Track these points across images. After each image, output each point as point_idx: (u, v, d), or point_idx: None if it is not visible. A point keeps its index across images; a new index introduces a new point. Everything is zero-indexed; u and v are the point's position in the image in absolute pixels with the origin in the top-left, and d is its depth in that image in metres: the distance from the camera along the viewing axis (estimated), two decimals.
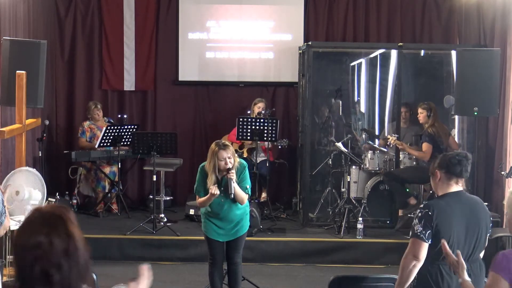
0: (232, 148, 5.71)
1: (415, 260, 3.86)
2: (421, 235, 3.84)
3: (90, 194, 9.05)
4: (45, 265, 1.99)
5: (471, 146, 8.18)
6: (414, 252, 3.86)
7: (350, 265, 7.41)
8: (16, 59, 6.53)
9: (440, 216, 3.85)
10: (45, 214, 2.07)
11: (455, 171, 3.93)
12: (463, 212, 3.92)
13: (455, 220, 3.88)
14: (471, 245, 3.89)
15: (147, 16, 9.46)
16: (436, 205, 3.91)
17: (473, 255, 3.90)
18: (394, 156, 8.34)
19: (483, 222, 3.94)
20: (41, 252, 1.99)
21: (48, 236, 2.01)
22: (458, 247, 3.83)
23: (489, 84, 7.13)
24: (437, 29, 9.44)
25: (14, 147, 6.85)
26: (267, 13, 9.53)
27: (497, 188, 7.69)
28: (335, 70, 9.64)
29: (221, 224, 5.75)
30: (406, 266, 3.88)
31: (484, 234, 3.94)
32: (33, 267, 1.99)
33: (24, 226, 2.07)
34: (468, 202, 3.99)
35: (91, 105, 8.90)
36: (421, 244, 3.84)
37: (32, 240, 2.00)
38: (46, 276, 1.99)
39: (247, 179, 5.70)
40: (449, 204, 3.93)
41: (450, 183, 3.95)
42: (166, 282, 6.88)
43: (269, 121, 8.20)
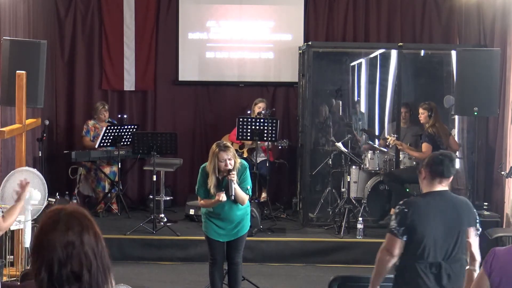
0: (233, 149, 5.71)
1: (388, 255, 3.94)
2: (395, 231, 3.92)
3: (90, 194, 9.05)
4: (76, 264, 1.97)
5: (471, 146, 8.18)
6: (388, 247, 3.95)
7: (350, 265, 7.40)
8: (16, 59, 6.53)
9: (416, 214, 3.90)
10: (72, 213, 2.05)
11: (437, 171, 3.97)
12: (443, 212, 3.93)
13: (432, 219, 3.89)
14: (450, 245, 3.89)
15: (147, 16, 9.46)
16: (413, 203, 3.99)
17: (453, 255, 3.89)
18: (394, 156, 8.34)
19: (465, 223, 3.91)
20: (74, 251, 1.97)
21: (80, 235, 2.00)
22: (435, 246, 3.85)
23: (489, 84, 7.13)
24: (437, 29, 9.44)
25: (14, 147, 6.85)
26: (267, 13, 9.53)
27: (497, 188, 7.69)
28: (335, 70, 9.64)
29: (222, 224, 5.75)
30: (381, 259, 3.98)
31: (466, 235, 3.90)
32: (64, 266, 1.96)
33: (49, 225, 2.03)
34: (450, 202, 3.99)
35: (99, 106, 8.89)
36: (394, 240, 3.92)
37: (63, 238, 1.98)
38: (76, 276, 1.97)
39: (248, 180, 5.70)
40: (428, 203, 3.96)
41: (433, 182, 4.00)
42: (166, 282, 6.88)
43: (269, 121, 8.20)
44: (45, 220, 2.06)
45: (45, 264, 1.98)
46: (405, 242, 3.91)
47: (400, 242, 3.91)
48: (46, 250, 1.98)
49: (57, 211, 2.07)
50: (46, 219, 2.06)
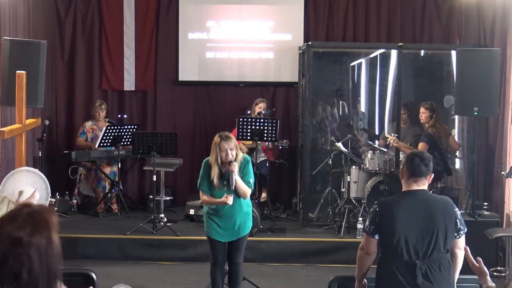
0: (235, 140, 5.68)
1: (365, 253, 4.06)
2: (367, 229, 4.03)
3: (90, 194, 9.06)
4: (18, 263, 1.94)
5: (471, 146, 8.17)
6: (363, 245, 4.07)
7: (350, 265, 7.38)
8: (16, 59, 6.52)
9: (386, 213, 3.94)
10: (33, 212, 2.01)
11: (408, 170, 4.00)
12: (415, 211, 3.92)
13: (402, 218, 3.89)
14: (424, 244, 3.87)
15: (147, 16, 9.46)
16: (385, 203, 4.05)
17: (430, 255, 3.88)
18: (394, 156, 8.34)
19: (441, 222, 3.88)
20: (19, 249, 1.94)
21: (30, 235, 1.96)
22: (408, 246, 3.85)
23: (489, 84, 7.13)
24: (437, 29, 9.44)
25: (14, 147, 6.84)
26: (267, 13, 9.53)
27: (497, 188, 7.69)
28: (335, 70, 9.65)
29: (223, 224, 5.72)
30: (359, 257, 4.13)
31: (442, 235, 3.88)
32: (6, 262, 1.94)
33: (8, 218, 2.01)
34: (425, 202, 3.96)
35: (97, 103, 8.90)
36: (367, 238, 4.02)
37: (13, 235, 1.95)
38: (15, 276, 1.94)
39: (250, 173, 5.66)
40: (400, 202, 3.99)
41: (408, 182, 4.02)
42: (166, 282, 6.88)
43: (269, 121, 8.20)
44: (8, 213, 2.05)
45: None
46: (379, 241, 3.98)
47: (373, 241, 3.99)
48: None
49: (22, 207, 2.04)
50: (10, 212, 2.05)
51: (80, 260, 7.27)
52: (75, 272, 4.57)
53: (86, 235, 7.67)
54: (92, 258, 7.37)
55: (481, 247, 6.73)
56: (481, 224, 6.92)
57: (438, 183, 8.08)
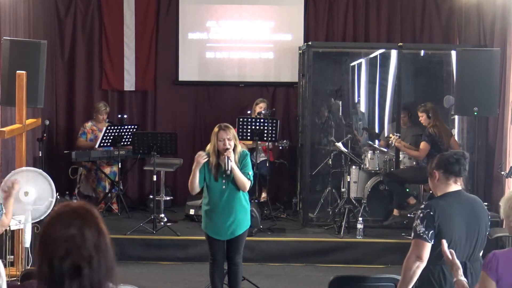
0: (234, 131, 5.67)
1: (418, 261, 3.83)
2: (424, 235, 3.82)
3: (91, 194, 9.05)
4: (76, 257, 1.98)
5: (471, 146, 8.18)
6: (417, 253, 3.84)
7: (350, 265, 7.41)
8: (16, 59, 6.53)
9: (442, 216, 3.85)
10: (76, 208, 2.07)
11: (453, 170, 3.93)
12: (463, 212, 3.92)
13: (456, 219, 3.88)
14: (471, 244, 3.89)
15: (147, 16, 9.46)
16: (437, 205, 3.91)
17: (474, 254, 3.90)
18: (394, 156, 8.34)
19: (483, 221, 3.94)
20: (74, 244, 1.99)
21: (80, 229, 2.01)
22: (459, 247, 3.84)
23: (489, 84, 7.13)
24: (437, 29, 9.44)
25: (14, 147, 6.85)
26: (267, 13, 9.53)
27: (497, 188, 7.69)
28: (335, 70, 9.65)
29: (219, 220, 5.66)
30: (409, 267, 3.84)
31: (484, 233, 3.94)
32: (64, 260, 1.98)
33: (54, 218, 2.06)
34: (468, 202, 3.99)
35: (102, 106, 8.88)
36: (424, 244, 3.83)
37: (64, 233, 2.00)
38: (76, 270, 1.98)
39: (248, 166, 5.64)
40: (449, 203, 3.93)
41: (449, 182, 3.95)
42: (166, 282, 6.88)
43: (269, 121, 8.20)
44: (50, 216, 2.09)
45: (46, 259, 2.00)
46: (433, 245, 3.85)
47: (429, 246, 3.83)
48: (47, 245, 2.01)
49: (63, 206, 2.10)
50: (51, 214, 2.09)
51: None
52: None
53: None
54: None
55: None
56: None
57: None
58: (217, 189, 5.61)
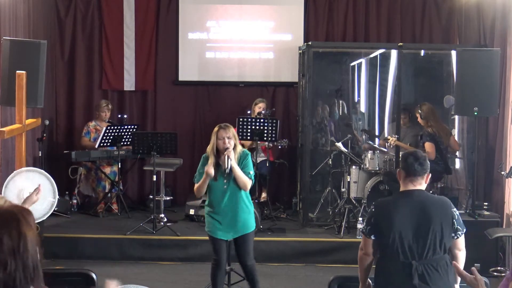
0: (233, 130, 5.65)
1: (364, 254, 4.09)
2: (364, 230, 4.08)
3: (90, 194, 9.06)
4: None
5: (471, 146, 8.17)
6: (362, 245, 4.11)
7: (350, 265, 7.38)
8: (16, 59, 6.52)
9: (382, 213, 3.97)
10: (2, 212, 2.08)
11: (404, 169, 4.01)
12: (412, 211, 3.91)
13: (399, 218, 3.89)
14: (421, 244, 3.87)
15: (147, 16, 9.46)
16: (380, 204, 4.07)
17: (426, 255, 3.87)
18: (394, 156, 8.34)
19: (437, 222, 3.87)
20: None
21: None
22: (404, 246, 3.85)
23: (489, 84, 7.13)
24: (437, 29, 9.44)
25: (14, 147, 6.84)
26: (267, 13, 9.53)
27: (497, 188, 7.69)
28: (335, 70, 9.65)
29: (223, 220, 5.64)
30: (359, 258, 4.15)
31: (439, 235, 3.87)
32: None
33: None
34: (420, 201, 3.94)
35: (103, 103, 8.89)
36: (365, 239, 4.07)
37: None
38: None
39: (249, 166, 5.60)
40: (396, 202, 3.99)
41: (405, 182, 4.02)
42: (166, 282, 6.88)
43: (269, 121, 8.20)
44: None
45: None
46: (375, 241, 4.01)
47: (369, 241, 4.03)
48: None
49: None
50: None
51: (80, 260, 7.28)
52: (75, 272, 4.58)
53: (86, 235, 7.67)
54: (92, 258, 7.37)
55: (481, 247, 6.75)
56: (481, 224, 6.93)
57: (438, 183, 8.09)
58: (218, 189, 5.59)
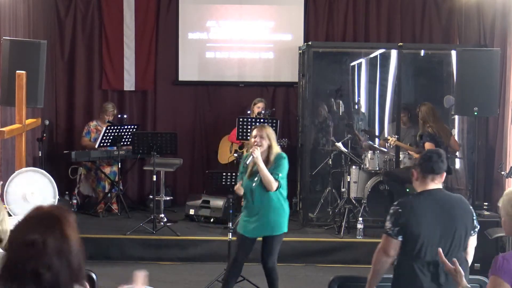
0: (270, 130, 5.67)
1: (385, 256, 3.96)
2: (390, 231, 3.93)
3: (90, 194, 9.06)
4: (36, 263, 2.00)
5: (471, 146, 8.18)
6: (384, 248, 3.96)
7: (350, 265, 7.40)
8: (16, 59, 6.52)
9: (410, 213, 3.90)
10: (43, 213, 2.09)
11: (426, 168, 3.97)
12: (436, 211, 3.92)
13: (426, 218, 3.89)
14: (446, 244, 3.87)
15: (147, 16, 9.46)
16: (407, 203, 3.99)
17: (450, 254, 3.87)
18: (394, 156, 8.34)
19: (460, 221, 3.90)
20: (34, 250, 2.00)
21: (42, 235, 2.02)
22: (431, 245, 3.85)
23: (489, 84, 7.13)
24: (437, 29, 9.44)
25: (14, 147, 6.84)
26: (267, 13, 9.53)
27: (497, 188, 7.69)
28: (335, 70, 9.65)
29: (248, 216, 5.71)
30: (377, 260, 3.98)
31: (463, 233, 3.90)
32: (25, 265, 2.00)
33: (21, 223, 2.08)
34: (444, 201, 3.97)
35: (110, 107, 8.87)
36: (390, 240, 3.93)
37: (27, 238, 2.01)
38: (36, 275, 2.00)
39: (280, 168, 5.59)
40: (422, 202, 3.96)
41: (425, 181, 3.99)
42: (166, 282, 6.87)
43: (269, 121, 8.19)
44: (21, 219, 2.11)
45: (10, 258, 2.02)
46: (401, 242, 3.92)
47: (396, 243, 3.92)
48: (12, 248, 2.04)
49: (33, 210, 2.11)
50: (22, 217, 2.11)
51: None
52: None
53: (86, 235, 7.64)
54: (92, 258, 7.36)
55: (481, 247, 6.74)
56: (481, 224, 6.87)
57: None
58: (248, 187, 5.66)
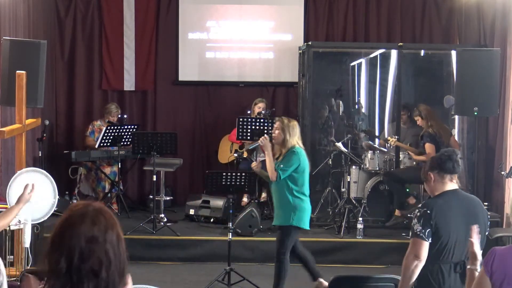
0: (291, 125, 5.96)
1: (416, 260, 3.87)
2: (421, 234, 3.85)
3: (90, 194, 9.05)
4: (97, 260, 1.96)
5: (471, 146, 8.18)
6: (415, 251, 3.87)
7: (350, 265, 7.40)
8: (16, 59, 6.52)
9: (439, 214, 3.87)
10: (100, 210, 2.05)
11: (447, 168, 3.95)
12: (461, 210, 3.93)
13: (453, 218, 3.89)
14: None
15: (147, 16, 9.46)
16: (434, 204, 3.94)
17: None
18: (394, 156, 8.34)
19: (482, 220, 3.93)
20: (96, 246, 1.97)
21: (104, 232, 1.99)
22: (458, 245, 3.85)
23: (489, 84, 7.13)
24: (437, 29, 9.44)
25: (14, 147, 6.84)
26: (267, 13, 9.53)
27: (497, 188, 7.69)
28: (335, 70, 9.65)
29: None
30: (408, 266, 3.89)
31: (483, 232, 3.92)
32: (85, 260, 1.95)
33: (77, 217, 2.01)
34: (466, 200, 4.00)
35: (114, 108, 8.87)
36: (421, 243, 3.86)
37: (89, 233, 1.97)
38: (95, 272, 1.96)
39: (284, 160, 5.96)
40: (447, 202, 3.94)
41: (444, 181, 3.97)
42: (166, 282, 6.87)
43: (269, 121, 8.20)
44: (71, 213, 2.04)
45: (66, 254, 1.95)
46: (430, 244, 3.87)
47: (427, 245, 3.86)
48: (69, 241, 1.96)
49: (85, 205, 2.05)
50: (73, 211, 2.04)
51: None
52: None
53: None
54: None
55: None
56: None
57: None
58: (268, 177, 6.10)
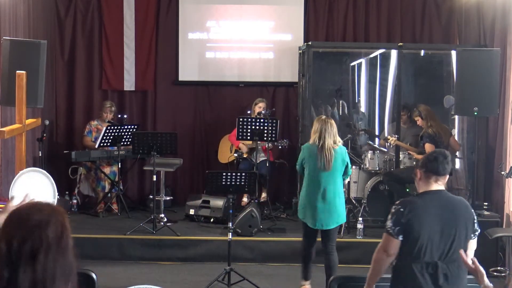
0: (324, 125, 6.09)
1: (385, 255, 3.96)
2: (390, 230, 3.92)
3: (90, 194, 9.06)
4: (36, 242, 2.00)
5: (471, 146, 8.18)
6: (384, 247, 3.97)
7: (350, 265, 7.39)
8: (16, 59, 6.52)
9: (412, 213, 3.88)
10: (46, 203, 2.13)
11: (432, 169, 3.95)
12: (438, 211, 3.91)
13: (428, 218, 3.88)
14: (446, 244, 3.87)
15: (147, 16, 9.46)
16: (409, 203, 3.97)
17: (450, 255, 3.87)
18: (394, 156, 8.34)
19: (461, 223, 3.90)
20: (38, 228, 2.01)
21: (49, 216, 2.05)
22: (430, 246, 3.85)
23: (489, 84, 7.13)
24: (437, 29, 9.44)
25: (14, 147, 6.84)
26: (267, 13, 9.53)
27: (497, 188, 7.69)
28: (335, 70, 9.65)
29: None
30: (377, 259, 3.99)
31: (463, 236, 3.90)
32: (25, 242, 2.00)
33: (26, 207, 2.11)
34: (447, 202, 3.97)
35: (107, 104, 8.89)
36: (390, 239, 3.92)
37: (33, 216, 2.04)
38: (33, 254, 1.99)
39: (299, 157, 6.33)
40: (424, 202, 3.95)
41: (429, 181, 3.97)
42: (166, 282, 6.87)
43: (269, 121, 8.20)
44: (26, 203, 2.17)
45: (6, 237, 2.02)
46: (401, 241, 3.91)
47: (396, 242, 3.91)
48: (12, 226, 2.04)
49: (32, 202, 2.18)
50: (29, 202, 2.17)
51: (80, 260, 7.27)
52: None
53: (86, 235, 7.66)
54: (92, 258, 7.36)
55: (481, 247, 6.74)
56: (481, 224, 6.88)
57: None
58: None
